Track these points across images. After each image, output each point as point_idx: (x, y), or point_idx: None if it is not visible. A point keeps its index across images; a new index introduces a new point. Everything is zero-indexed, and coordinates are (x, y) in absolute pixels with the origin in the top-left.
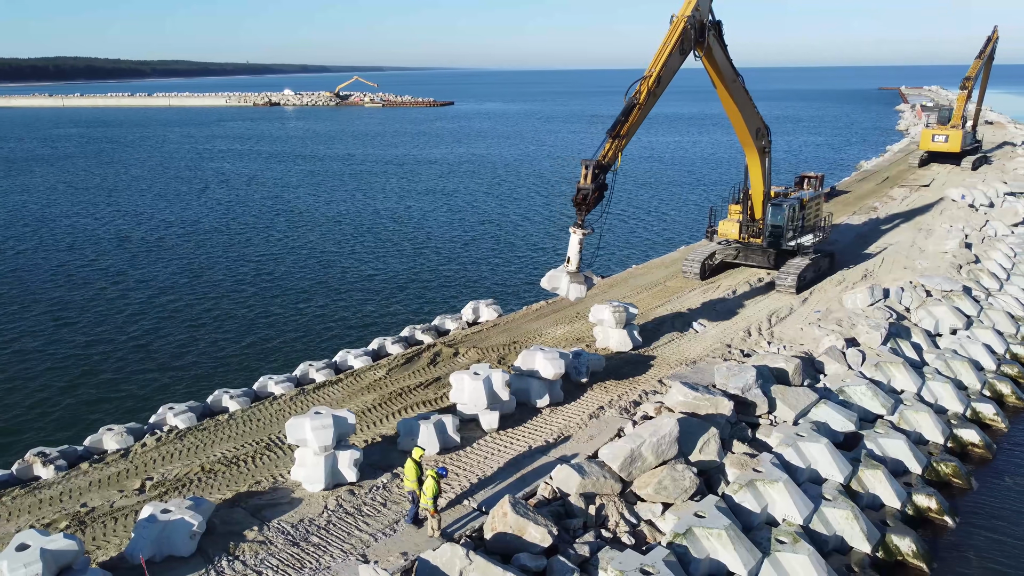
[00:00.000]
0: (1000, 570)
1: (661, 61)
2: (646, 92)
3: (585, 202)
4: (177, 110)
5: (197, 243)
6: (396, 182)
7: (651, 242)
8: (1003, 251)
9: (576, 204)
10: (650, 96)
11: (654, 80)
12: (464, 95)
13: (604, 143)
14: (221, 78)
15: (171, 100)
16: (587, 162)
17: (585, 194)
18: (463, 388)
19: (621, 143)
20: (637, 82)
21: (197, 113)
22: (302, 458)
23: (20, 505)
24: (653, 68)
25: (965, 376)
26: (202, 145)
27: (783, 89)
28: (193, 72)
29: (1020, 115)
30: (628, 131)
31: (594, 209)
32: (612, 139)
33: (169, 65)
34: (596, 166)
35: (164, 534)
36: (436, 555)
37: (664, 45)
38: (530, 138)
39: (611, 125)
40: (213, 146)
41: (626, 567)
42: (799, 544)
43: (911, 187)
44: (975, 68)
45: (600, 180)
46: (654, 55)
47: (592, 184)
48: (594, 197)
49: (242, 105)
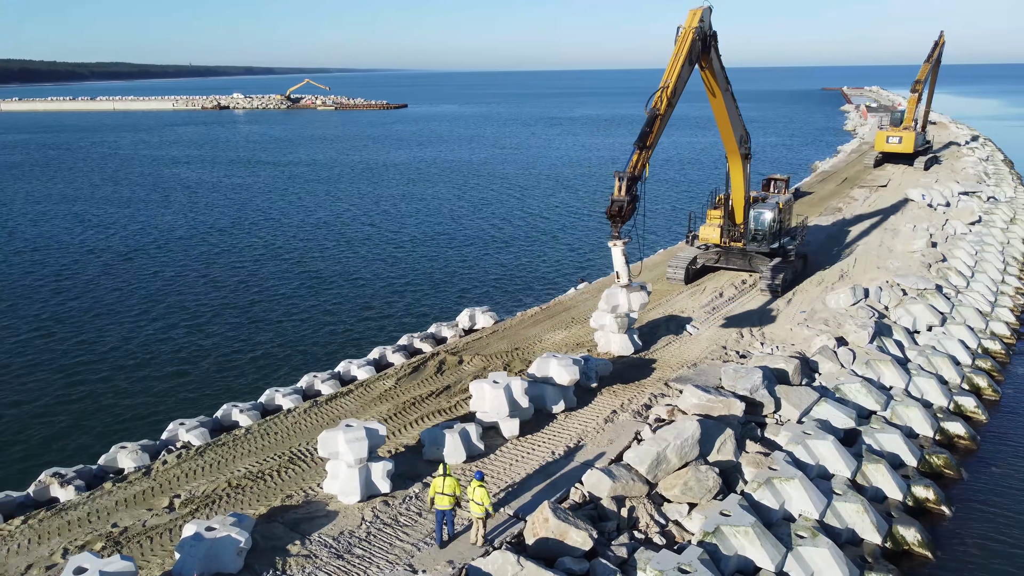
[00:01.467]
0: (999, 552)
1: (676, 72)
2: (666, 102)
3: (620, 214)
4: (122, 114)
5: (175, 254)
6: (368, 187)
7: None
8: (966, 250)
9: (611, 217)
10: (668, 106)
11: (671, 91)
12: (417, 97)
13: (632, 154)
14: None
15: (115, 104)
16: (620, 174)
17: (620, 206)
18: (483, 396)
19: (648, 153)
20: (654, 94)
21: (144, 117)
22: (334, 471)
23: (48, 527)
24: (668, 79)
25: (945, 371)
26: (158, 151)
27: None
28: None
29: (959, 115)
30: (653, 141)
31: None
32: (640, 150)
33: (108, 67)
34: (630, 178)
35: (211, 551)
36: (487, 562)
37: (676, 56)
38: (492, 141)
39: (638, 136)
40: (169, 152)
41: (664, 566)
42: (819, 538)
43: (870, 187)
44: (924, 71)
45: (633, 191)
46: (667, 67)
47: (627, 196)
48: (629, 208)
49: (190, 109)
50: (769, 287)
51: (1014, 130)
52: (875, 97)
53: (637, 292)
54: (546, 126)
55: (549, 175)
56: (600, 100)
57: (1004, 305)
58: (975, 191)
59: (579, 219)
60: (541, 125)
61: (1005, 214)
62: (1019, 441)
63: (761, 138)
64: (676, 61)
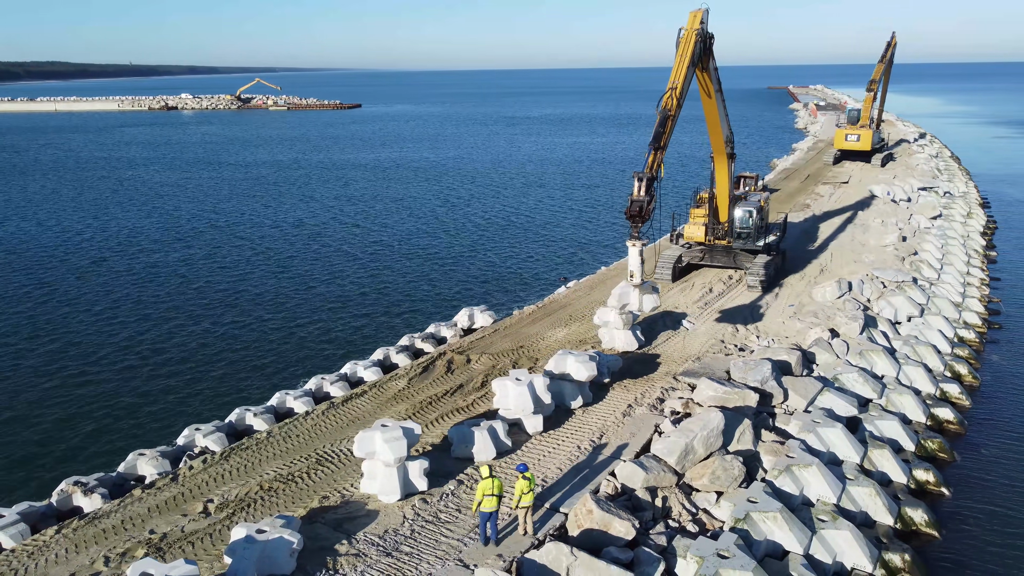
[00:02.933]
0: (999, 531)
1: (682, 73)
2: (676, 103)
3: (640, 214)
4: (66, 115)
5: (164, 260)
6: (341, 188)
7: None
8: (933, 243)
9: (631, 217)
10: (678, 107)
11: (680, 92)
12: (369, 97)
13: (649, 155)
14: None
15: (57, 105)
16: (639, 174)
17: (640, 206)
18: (507, 394)
19: (663, 153)
20: (663, 96)
21: (89, 119)
22: (371, 470)
23: (84, 536)
24: (676, 80)
25: (929, 360)
26: (114, 153)
27: None
28: (71, 74)
29: (902, 113)
30: (666, 141)
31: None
32: (656, 150)
33: (44, 67)
34: (649, 178)
35: (265, 553)
36: (541, 554)
37: (681, 58)
38: (456, 141)
39: (652, 138)
40: (126, 153)
41: (703, 552)
42: (839, 521)
43: (834, 184)
44: (879, 71)
45: (652, 191)
46: (673, 68)
47: (647, 196)
48: (649, 208)
49: (136, 109)
50: (758, 283)
51: (954, 127)
52: (820, 95)
53: (649, 293)
54: (506, 126)
55: (519, 174)
56: (555, 100)
57: (972, 296)
58: (932, 187)
59: (557, 217)
60: (501, 125)
61: (962, 208)
62: (1003, 424)
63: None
64: (682, 63)
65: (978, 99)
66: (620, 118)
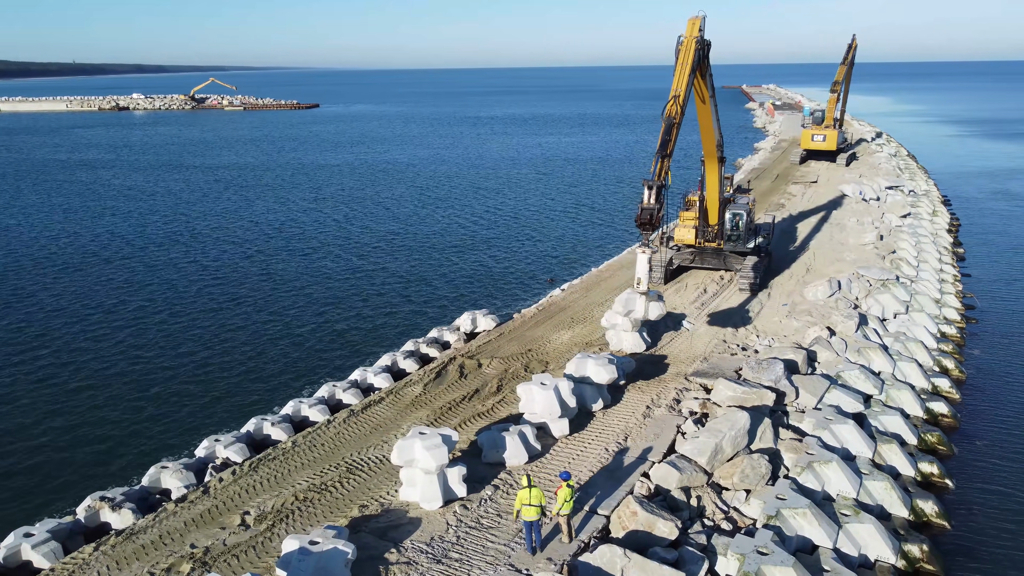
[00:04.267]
0: (1005, 519)
1: (684, 81)
2: (680, 110)
3: (651, 221)
4: (11, 116)
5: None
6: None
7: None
8: (908, 241)
9: (641, 225)
10: (682, 114)
11: (683, 99)
12: (327, 97)
13: (657, 163)
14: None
15: (1, 105)
16: (649, 182)
17: (651, 213)
18: (533, 398)
19: (669, 160)
20: (667, 104)
21: (37, 119)
22: (410, 478)
23: (124, 553)
24: (679, 88)
25: (919, 355)
26: (71, 155)
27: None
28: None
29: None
30: (672, 148)
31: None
32: (663, 158)
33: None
34: (659, 185)
35: (320, 564)
36: (595, 556)
37: (682, 65)
38: (424, 141)
39: (659, 146)
40: (84, 156)
41: (743, 550)
42: (862, 515)
43: (804, 184)
44: (841, 73)
45: (661, 198)
46: (675, 76)
47: (657, 203)
48: (659, 216)
49: (86, 110)
50: (749, 285)
51: (906, 126)
52: (774, 95)
53: (655, 301)
54: (472, 126)
55: (494, 175)
56: (517, 99)
57: (949, 292)
58: (898, 185)
59: (539, 217)
60: (467, 125)
61: (928, 207)
62: (992, 416)
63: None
64: (683, 70)
65: (926, 99)
66: (585, 118)
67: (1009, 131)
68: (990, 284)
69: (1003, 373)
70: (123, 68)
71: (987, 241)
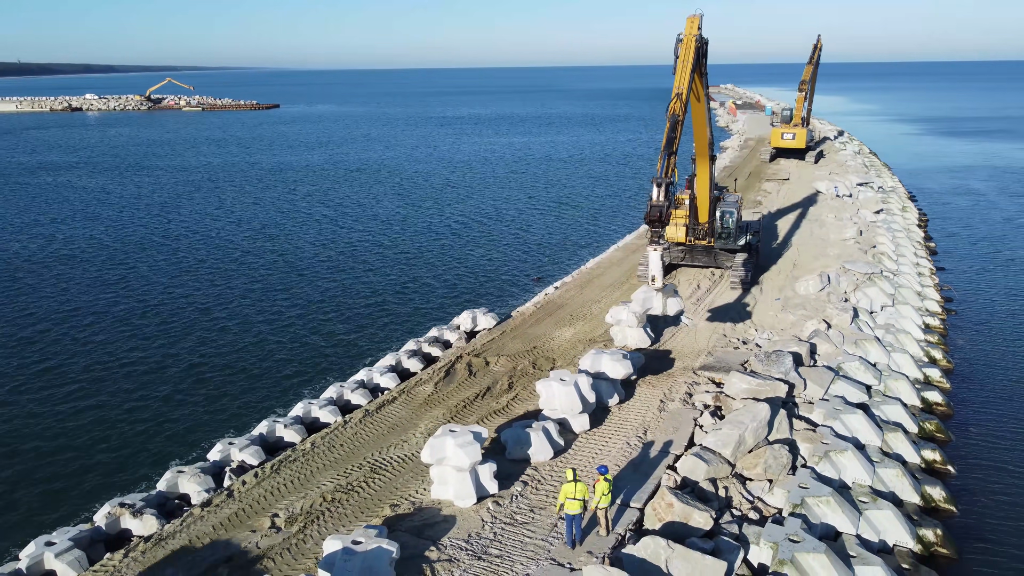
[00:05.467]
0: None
1: (686, 79)
2: (684, 108)
3: (661, 218)
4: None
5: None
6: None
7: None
8: (886, 236)
9: (651, 222)
10: (685, 112)
11: (686, 97)
12: (286, 97)
13: (664, 161)
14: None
15: None
16: (658, 180)
17: (660, 210)
18: (553, 394)
19: (675, 158)
20: (670, 102)
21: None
22: (442, 476)
23: (154, 557)
24: (681, 86)
25: (909, 347)
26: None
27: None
28: None
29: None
30: (677, 146)
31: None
32: (670, 156)
33: None
34: (668, 183)
35: (366, 564)
36: (639, 548)
37: (683, 63)
38: (393, 141)
39: (665, 144)
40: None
41: (775, 538)
42: (880, 502)
43: (778, 181)
44: (808, 72)
45: (670, 196)
46: (676, 74)
47: (666, 200)
48: (668, 213)
49: (37, 111)
50: (740, 282)
51: (864, 124)
52: (732, 94)
53: (672, 297)
54: (438, 126)
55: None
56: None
57: (928, 285)
58: (868, 182)
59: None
60: (433, 125)
61: (897, 202)
62: (983, 403)
63: (645, 134)
64: (685, 68)
65: (879, 98)
66: (551, 118)
67: (962, 129)
68: (964, 276)
69: (987, 362)
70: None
71: (954, 234)
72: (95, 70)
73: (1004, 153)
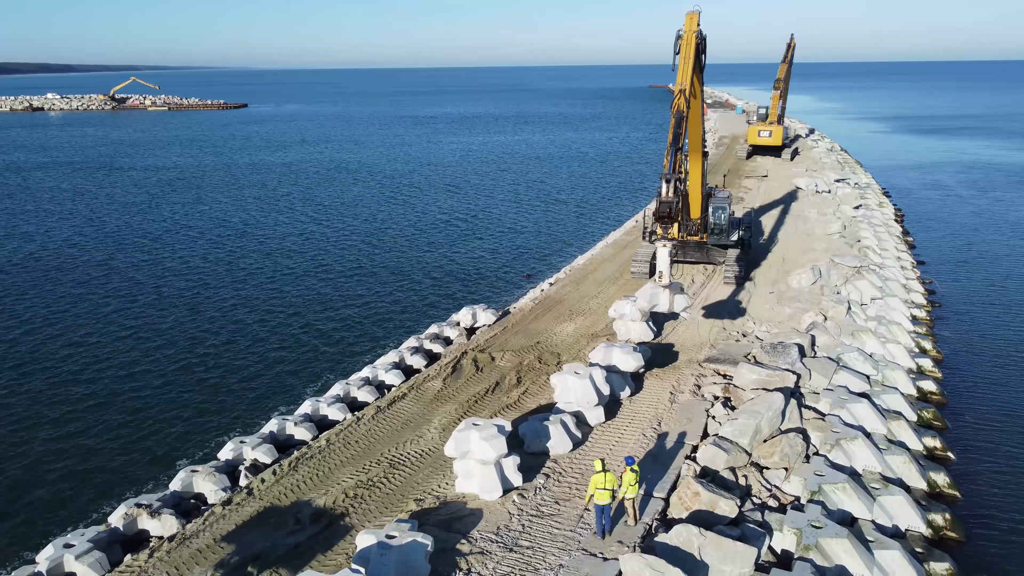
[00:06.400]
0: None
1: (688, 74)
2: (687, 104)
3: (671, 214)
4: None
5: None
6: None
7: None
8: (869, 231)
9: (660, 218)
10: (689, 107)
11: (689, 92)
12: (254, 97)
13: (672, 157)
14: None
15: None
16: (667, 176)
17: (670, 206)
18: (568, 388)
19: (682, 154)
20: (675, 99)
21: None
22: (467, 470)
23: (181, 558)
24: (684, 82)
25: (901, 338)
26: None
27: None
28: None
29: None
30: (683, 142)
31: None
32: (676, 151)
33: None
34: (677, 179)
35: (402, 558)
36: (672, 536)
37: (685, 60)
38: (369, 140)
39: (672, 139)
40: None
41: (799, 524)
42: (891, 487)
43: (757, 178)
44: (783, 71)
45: (680, 192)
46: (679, 71)
47: (676, 196)
48: (678, 208)
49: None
50: (734, 277)
51: (833, 122)
52: None
53: (680, 294)
54: (413, 125)
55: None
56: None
57: (911, 278)
58: (845, 178)
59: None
60: (408, 124)
61: (874, 198)
62: (974, 391)
63: (621, 133)
64: (687, 64)
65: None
66: (525, 117)
67: (926, 127)
68: (943, 269)
69: (974, 351)
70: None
71: (929, 228)
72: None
73: (969, 150)
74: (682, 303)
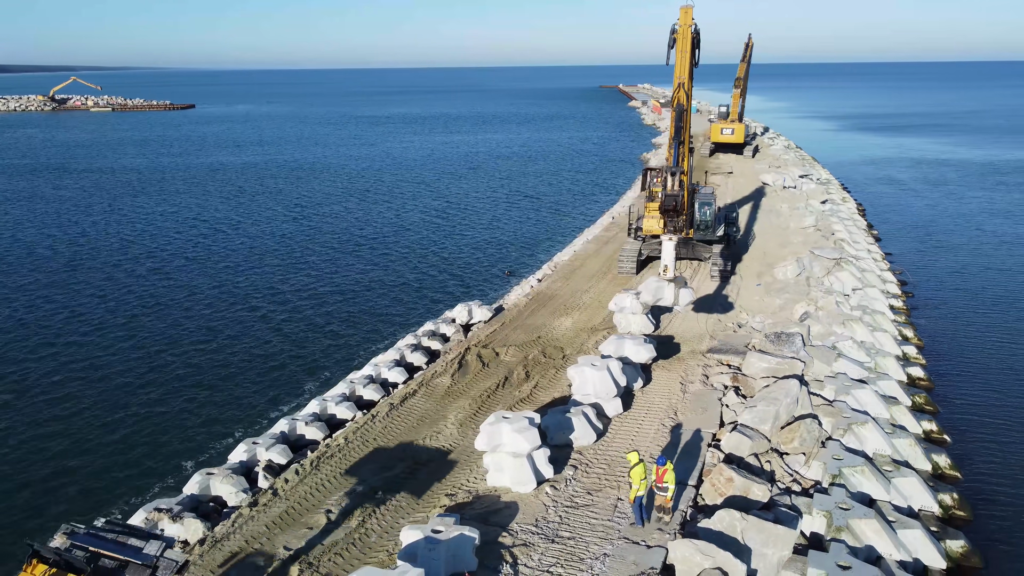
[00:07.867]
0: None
1: (686, 68)
2: (687, 97)
3: (676, 207)
4: None
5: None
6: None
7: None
8: (840, 225)
9: (666, 211)
10: (688, 100)
11: (687, 86)
12: (200, 97)
13: (676, 150)
14: None
15: None
16: (672, 169)
17: (675, 200)
18: (587, 380)
19: (684, 147)
20: (673, 93)
21: None
22: (498, 463)
23: (214, 561)
24: (682, 76)
25: (886, 325)
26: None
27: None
28: None
29: None
30: (685, 135)
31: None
32: (679, 145)
33: None
34: (682, 172)
35: (451, 552)
36: (715, 521)
37: (682, 54)
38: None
39: (673, 133)
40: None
41: (827, 507)
42: (903, 470)
43: (723, 174)
44: (742, 70)
45: (685, 184)
46: (676, 65)
47: (681, 189)
48: (683, 201)
49: None
50: (721, 272)
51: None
52: (650, 93)
53: (684, 288)
54: (371, 125)
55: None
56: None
57: (884, 269)
58: (808, 174)
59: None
60: (365, 124)
61: (838, 193)
62: (958, 376)
63: (581, 132)
64: (684, 57)
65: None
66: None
67: (874, 125)
68: (909, 259)
69: (951, 337)
70: None
71: (890, 220)
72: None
73: (917, 147)
74: (687, 297)
